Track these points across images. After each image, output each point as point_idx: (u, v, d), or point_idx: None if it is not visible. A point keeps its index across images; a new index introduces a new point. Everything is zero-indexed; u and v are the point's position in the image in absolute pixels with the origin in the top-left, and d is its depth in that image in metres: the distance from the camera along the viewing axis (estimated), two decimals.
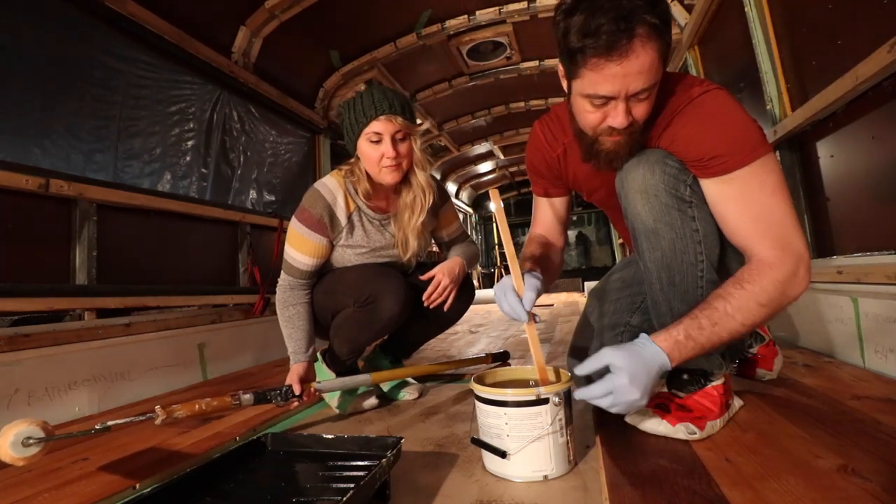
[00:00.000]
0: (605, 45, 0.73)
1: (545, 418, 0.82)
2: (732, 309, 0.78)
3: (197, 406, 1.03)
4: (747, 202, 0.82)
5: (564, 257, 1.25)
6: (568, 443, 0.85)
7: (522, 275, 0.91)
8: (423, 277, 1.38)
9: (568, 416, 0.85)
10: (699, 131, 0.84)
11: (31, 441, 0.78)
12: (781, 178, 0.83)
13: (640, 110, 0.82)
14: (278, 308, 1.37)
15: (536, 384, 0.89)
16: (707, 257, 0.88)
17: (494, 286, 0.91)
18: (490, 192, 0.94)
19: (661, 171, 0.86)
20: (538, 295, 0.90)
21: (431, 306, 1.36)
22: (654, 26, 0.74)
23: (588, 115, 0.84)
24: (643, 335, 0.81)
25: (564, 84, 0.89)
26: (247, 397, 1.11)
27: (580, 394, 0.80)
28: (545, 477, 0.83)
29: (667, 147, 0.88)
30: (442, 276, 1.37)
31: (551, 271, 1.11)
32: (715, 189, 0.85)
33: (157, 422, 0.97)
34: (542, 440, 0.82)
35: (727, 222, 0.85)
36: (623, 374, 0.75)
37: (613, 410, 0.78)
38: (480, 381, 0.93)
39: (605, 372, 0.78)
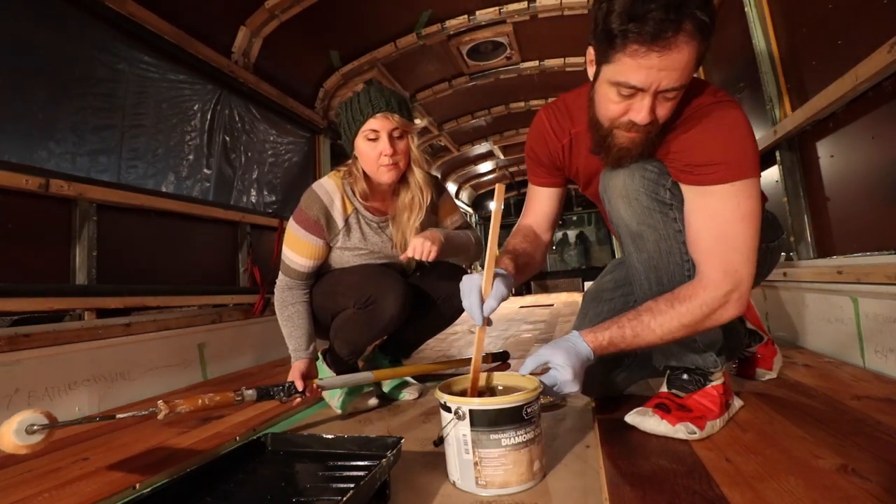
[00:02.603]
0: (651, 32, 0.70)
1: (448, 426, 0.82)
2: (656, 324, 0.84)
3: (200, 401, 1.02)
4: (715, 219, 0.83)
5: (547, 260, 1.25)
6: (477, 464, 0.79)
7: (494, 279, 0.89)
8: (402, 257, 1.29)
9: (480, 439, 0.79)
10: (700, 138, 0.84)
11: (35, 428, 0.78)
12: (758, 206, 0.83)
13: (664, 110, 0.80)
14: (277, 308, 1.37)
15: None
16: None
17: (464, 277, 0.90)
18: (497, 187, 0.91)
19: (641, 175, 0.88)
20: (500, 302, 0.89)
21: (422, 257, 1.23)
22: (703, 24, 0.71)
23: (611, 106, 0.81)
24: (574, 332, 0.89)
25: (591, 70, 0.86)
26: (249, 393, 1.10)
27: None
28: (454, 483, 0.84)
29: (674, 151, 0.87)
30: (418, 241, 1.24)
31: (528, 270, 1.10)
32: (692, 197, 0.86)
33: (160, 416, 0.96)
34: (447, 443, 0.83)
35: (690, 232, 0.87)
36: (566, 371, 0.83)
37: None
38: (446, 387, 0.93)
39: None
